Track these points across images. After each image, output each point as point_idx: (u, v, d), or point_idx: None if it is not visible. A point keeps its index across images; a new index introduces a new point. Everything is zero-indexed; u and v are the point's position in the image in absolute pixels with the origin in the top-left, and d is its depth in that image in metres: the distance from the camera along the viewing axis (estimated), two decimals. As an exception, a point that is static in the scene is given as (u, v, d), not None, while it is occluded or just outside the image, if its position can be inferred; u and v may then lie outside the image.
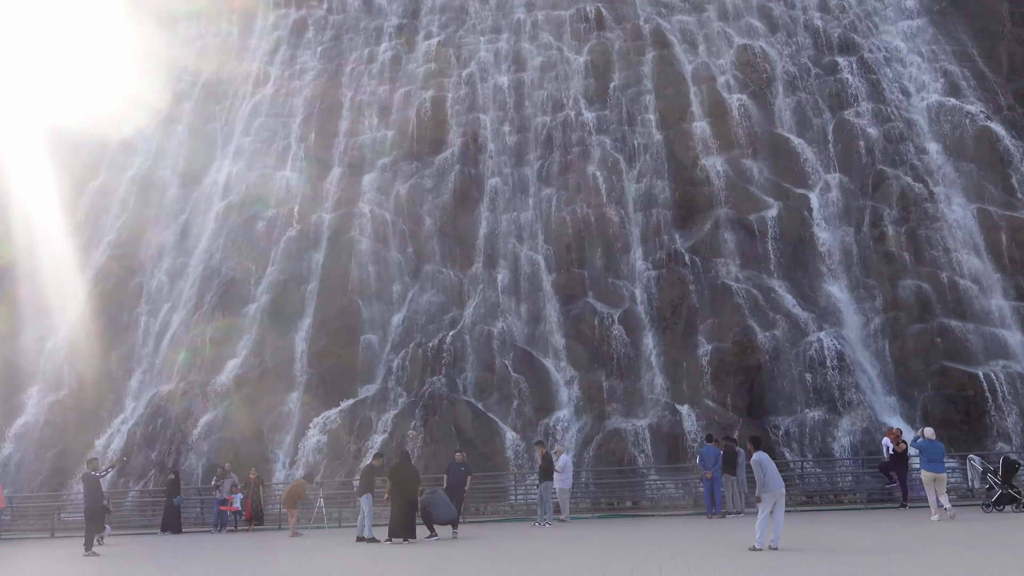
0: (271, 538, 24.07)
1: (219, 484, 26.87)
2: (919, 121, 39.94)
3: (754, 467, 15.71)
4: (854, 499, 28.55)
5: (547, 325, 37.60)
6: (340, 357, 37.67)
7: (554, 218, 40.11)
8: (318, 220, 42.05)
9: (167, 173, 46.54)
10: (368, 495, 19.67)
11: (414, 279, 40.44)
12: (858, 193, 38.31)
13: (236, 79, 49.92)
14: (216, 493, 26.97)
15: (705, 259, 37.40)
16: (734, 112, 41.44)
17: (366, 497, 19.61)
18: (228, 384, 36.99)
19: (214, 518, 26.84)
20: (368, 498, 19.64)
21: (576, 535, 19.43)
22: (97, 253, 44.02)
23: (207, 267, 41.53)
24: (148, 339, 41.12)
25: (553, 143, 42.70)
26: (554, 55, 46.38)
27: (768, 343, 33.95)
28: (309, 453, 34.26)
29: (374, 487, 20.13)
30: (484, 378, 36.03)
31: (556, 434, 34.13)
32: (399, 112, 45.74)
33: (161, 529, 27.32)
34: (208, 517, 31.01)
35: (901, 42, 43.70)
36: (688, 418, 33.26)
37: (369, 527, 19.62)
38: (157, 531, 28.60)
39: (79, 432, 38.58)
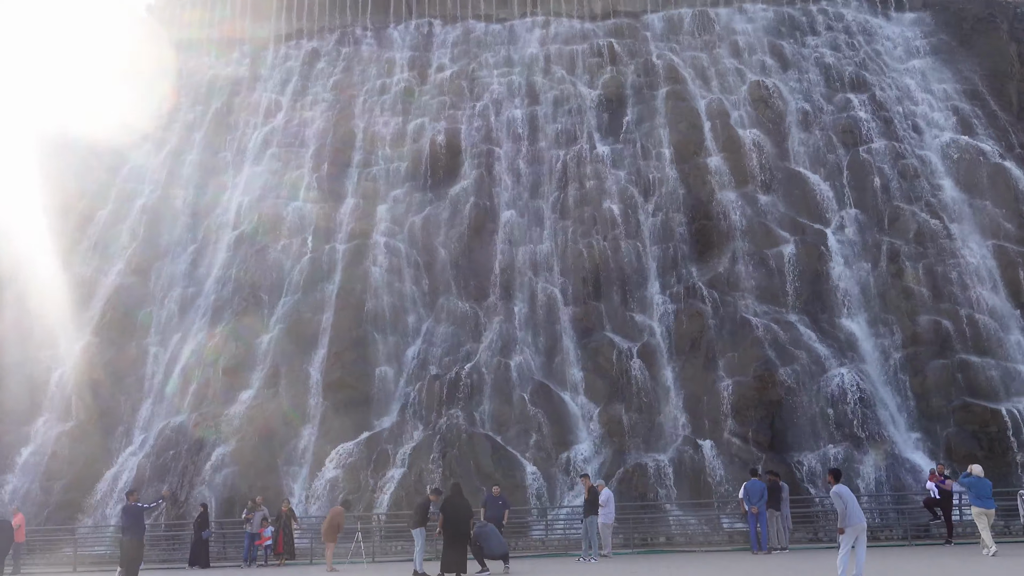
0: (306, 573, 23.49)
1: (249, 517, 26.31)
2: (932, 159, 40.28)
3: (835, 500, 15.47)
4: (891, 535, 28.30)
5: (564, 358, 37.38)
6: (355, 389, 37.25)
7: (570, 251, 40.04)
8: (331, 250, 41.82)
9: (178, 203, 46.24)
10: (421, 528, 19.29)
11: (428, 311, 40.19)
12: (874, 229, 38.49)
13: (247, 109, 49.87)
14: (246, 526, 26.39)
15: (723, 293, 37.38)
16: (748, 147, 41.67)
17: (419, 531, 19.24)
18: (241, 416, 36.49)
19: (244, 552, 26.22)
20: (421, 532, 19.27)
21: (629, 571, 19.04)
22: (107, 282, 43.55)
23: (219, 297, 41.14)
24: (158, 370, 40.58)
25: (568, 176, 42.77)
26: (567, 89, 46.61)
27: (789, 378, 33.85)
28: (325, 487, 33.75)
29: (427, 521, 19.73)
30: (502, 411, 35.70)
31: (576, 468, 33.78)
32: (412, 143, 45.75)
33: (189, 563, 26.69)
34: (231, 551, 30.37)
35: (911, 80, 44.19)
36: (710, 453, 33.05)
37: (420, 561, 19.22)
38: (183, 566, 27.87)
39: (87, 464, 37.87)
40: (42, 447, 38.49)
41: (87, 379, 40.02)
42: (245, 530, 26.47)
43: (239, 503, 33.91)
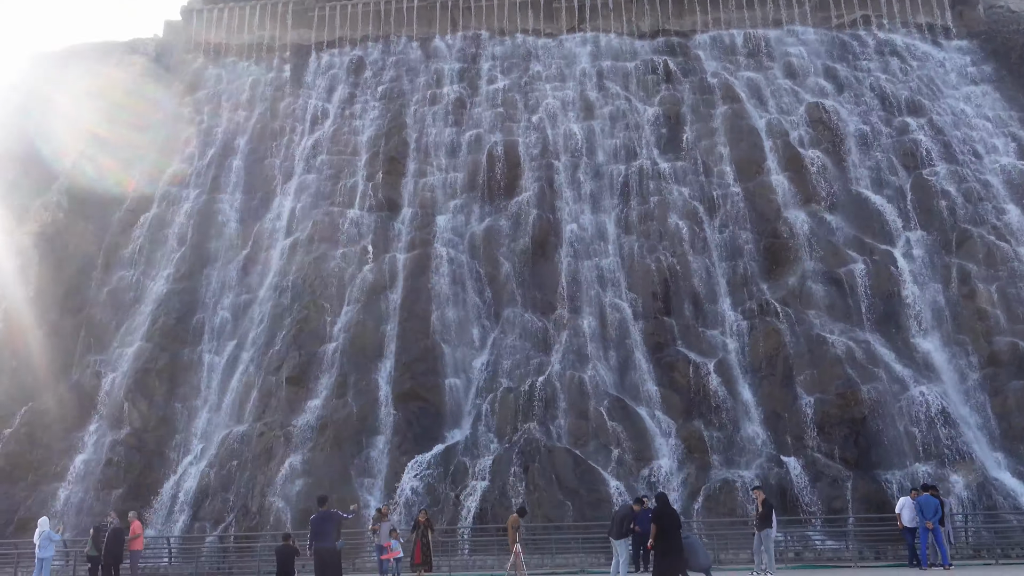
0: None
1: (376, 528, 25.42)
2: (994, 183, 40.79)
3: None
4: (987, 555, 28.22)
5: (638, 373, 37.03)
6: (426, 400, 36.59)
7: (638, 266, 39.83)
8: (392, 260, 41.16)
9: (225, 207, 45.34)
10: (626, 540, 18.73)
11: (493, 323, 39.66)
12: (942, 251, 38.80)
13: (293, 115, 49.14)
14: (374, 538, 25.51)
15: (796, 311, 37.38)
16: (810, 167, 41.89)
17: (624, 542, 18.69)
18: (311, 426, 35.60)
19: (378, 564, 25.28)
20: (625, 543, 18.71)
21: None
22: (155, 287, 42.45)
23: (277, 304, 40.25)
24: (213, 377, 39.57)
25: (630, 191, 42.64)
26: (623, 105, 46.58)
27: (871, 396, 33.82)
28: (404, 499, 32.96)
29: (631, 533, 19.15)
30: (579, 426, 35.22)
31: (659, 483, 33.39)
32: (467, 155, 45.35)
33: None
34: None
35: (966, 106, 44.84)
36: (795, 470, 32.86)
37: (624, 572, 18.68)
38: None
39: (145, 472, 36.77)
40: (96, 454, 37.25)
41: (141, 386, 38.92)
42: (373, 542, 25.58)
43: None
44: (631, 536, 21.07)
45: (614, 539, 18.71)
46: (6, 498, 36.78)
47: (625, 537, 18.65)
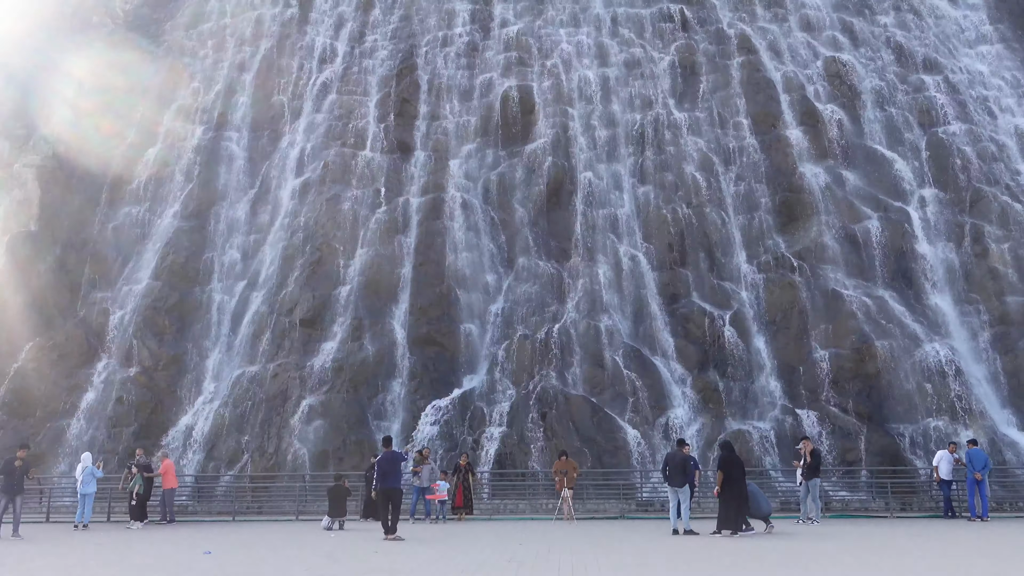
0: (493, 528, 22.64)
1: (418, 471, 25.44)
2: (1008, 143, 40.94)
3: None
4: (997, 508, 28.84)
5: (653, 323, 37.15)
6: (442, 346, 36.56)
7: (653, 216, 39.73)
8: (405, 203, 40.74)
9: (232, 145, 44.52)
10: (688, 486, 18.88)
11: (507, 269, 39.51)
12: (955, 209, 39.02)
13: (300, 52, 48.12)
14: (414, 480, 25.52)
15: (812, 265, 37.56)
16: (827, 122, 41.78)
17: (686, 488, 18.83)
18: (327, 368, 35.46)
19: (411, 506, 25.35)
20: (687, 489, 18.87)
21: (868, 534, 18.95)
22: (162, 224, 41.79)
23: (289, 245, 39.80)
24: (223, 318, 39.21)
25: (646, 141, 42.34)
26: (638, 53, 46.03)
27: (886, 351, 34.22)
28: (423, 442, 33.04)
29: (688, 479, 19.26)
30: (595, 374, 35.37)
31: (674, 432, 33.74)
32: (481, 99, 44.74)
33: (363, 516, 25.74)
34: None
35: (981, 66, 44.80)
36: (809, 422, 33.30)
37: (686, 518, 18.84)
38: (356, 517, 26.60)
39: (156, 411, 36.59)
40: (105, 392, 36.93)
41: (150, 324, 38.51)
42: (413, 484, 25.62)
43: (332, 456, 33.13)
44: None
45: (676, 486, 18.85)
46: (15, 433, 36.42)
47: (686, 484, 18.80)
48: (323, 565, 13.91)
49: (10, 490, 20.33)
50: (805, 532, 19.74)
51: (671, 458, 19.66)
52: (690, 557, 14.66)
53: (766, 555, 14.81)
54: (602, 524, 24.07)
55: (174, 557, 15.62)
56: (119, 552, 17.02)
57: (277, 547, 17.50)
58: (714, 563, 13.68)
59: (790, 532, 19.55)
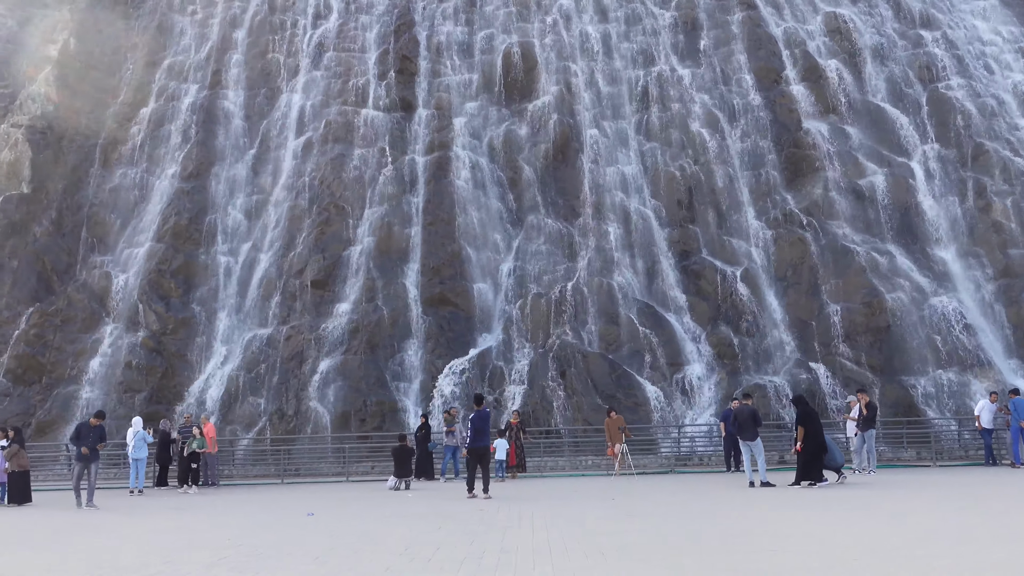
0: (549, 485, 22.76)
1: (451, 430, 25.46)
2: (1007, 99, 41.52)
3: None
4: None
5: (664, 280, 37.40)
6: (455, 305, 36.49)
7: (662, 173, 39.78)
8: (411, 162, 40.32)
9: (228, 104, 43.56)
10: (759, 440, 19.15)
11: (516, 228, 39.40)
12: (957, 164, 39.58)
13: (293, 8, 47.01)
14: (448, 440, 25.53)
15: (820, 221, 37.94)
16: (830, 77, 41.98)
17: (758, 443, 19.09)
18: (342, 329, 35.23)
19: (443, 466, 25.41)
20: (759, 443, 19.14)
21: (928, 482, 19.45)
22: (161, 185, 40.92)
23: (294, 206, 39.25)
24: (230, 280, 38.69)
25: (650, 98, 42.23)
26: (638, 8, 45.72)
27: (896, 304, 34.83)
28: (442, 402, 33.08)
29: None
30: (610, 331, 35.59)
31: (691, 388, 34.20)
32: (482, 55, 44.20)
33: (416, 476, 25.73)
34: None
35: (979, 21, 45.22)
36: (824, 376, 33.88)
37: (763, 471, 19.15)
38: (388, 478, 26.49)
39: (167, 375, 36.13)
40: (113, 357, 36.36)
41: (155, 287, 37.88)
42: (446, 444, 25.65)
43: (355, 417, 33.05)
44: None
45: (748, 439, 19.13)
46: (21, 400, 35.88)
47: (757, 437, 19.10)
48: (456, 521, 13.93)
49: (86, 457, 20.03)
50: (873, 482, 20.23)
51: (740, 412, 19.94)
52: (803, 504, 14.97)
53: (867, 503, 15.16)
54: (658, 479, 24.41)
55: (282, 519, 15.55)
56: (216, 515, 16.94)
57: (369, 508, 17.48)
58: (833, 508, 13.98)
59: (859, 483, 20.01)
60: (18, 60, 44.89)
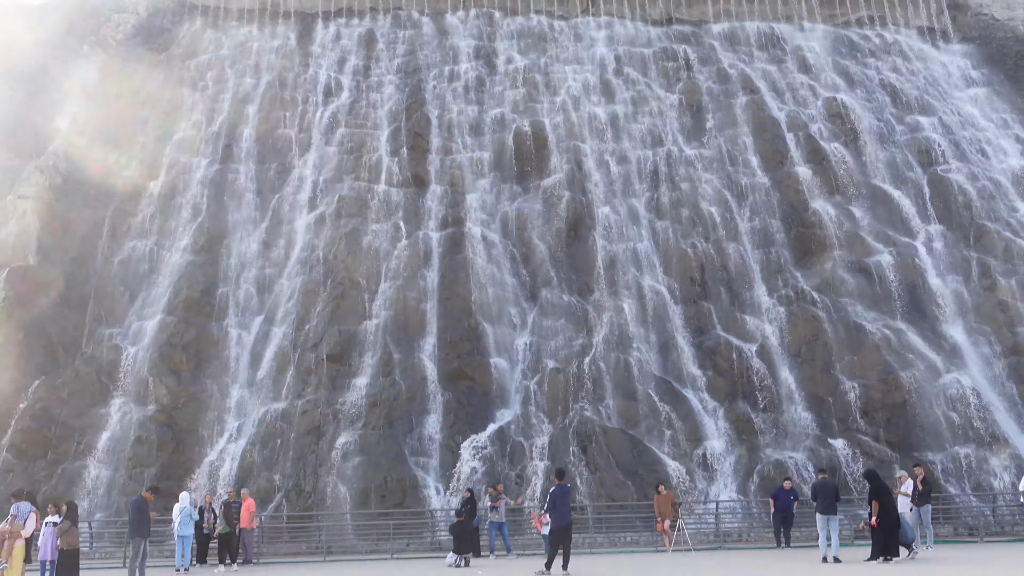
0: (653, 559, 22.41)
1: (496, 506, 25.14)
2: (1003, 182, 42.86)
3: None
4: None
5: (680, 356, 37.54)
6: (473, 380, 36.31)
7: (674, 251, 40.31)
8: (426, 237, 40.54)
9: (240, 177, 43.72)
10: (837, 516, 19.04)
11: (531, 303, 39.54)
12: (961, 244, 40.58)
13: (304, 85, 47.68)
14: (493, 516, 25.16)
15: (831, 298, 38.51)
16: (832, 160, 43.15)
17: (835, 518, 19.00)
18: (360, 404, 34.84)
19: (491, 541, 25.02)
20: (836, 519, 19.03)
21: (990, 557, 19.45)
22: (172, 258, 40.67)
23: (309, 280, 39.14)
24: (242, 353, 38.24)
25: (659, 177, 43.07)
26: (644, 90, 46.97)
27: (911, 381, 35.21)
28: (466, 479, 32.63)
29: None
30: (628, 407, 35.51)
31: (712, 464, 34.09)
32: (493, 134, 44.96)
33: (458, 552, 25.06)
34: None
35: (971, 108, 46.93)
36: (843, 451, 33.97)
37: (836, 547, 19.00)
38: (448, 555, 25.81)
39: (177, 451, 35.33)
40: (122, 432, 35.54)
41: (166, 360, 37.33)
42: (490, 520, 25.28)
43: (375, 493, 32.44)
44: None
45: (829, 513, 19.09)
46: (25, 476, 34.72)
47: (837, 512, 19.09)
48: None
49: (142, 532, 19.44)
50: (936, 557, 20.20)
51: (822, 487, 19.97)
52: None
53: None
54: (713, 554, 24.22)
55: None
56: None
57: None
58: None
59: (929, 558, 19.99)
60: (26, 132, 44.82)
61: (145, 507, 20.03)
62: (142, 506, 20.01)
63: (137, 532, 19.63)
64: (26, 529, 17.26)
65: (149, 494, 20.40)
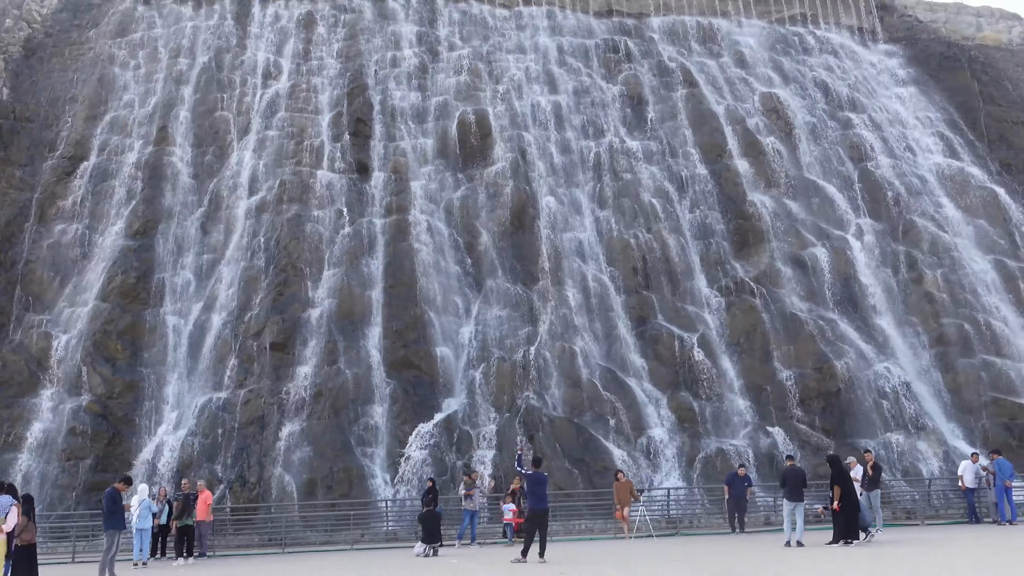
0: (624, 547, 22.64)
1: (470, 494, 25.15)
2: (929, 178, 44.54)
3: None
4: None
5: (623, 345, 38.08)
6: (420, 369, 36.17)
7: (617, 241, 40.78)
8: (369, 224, 40.14)
9: (175, 160, 42.53)
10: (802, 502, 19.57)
11: (475, 292, 39.54)
12: (889, 238, 42.05)
13: (242, 67, 46.56)
14: (467, 504, 25.11)
15: (769, 290, 39.53)
16: (769, 154, 44.19)
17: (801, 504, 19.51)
18: (304, 394, 34.39)
19: (460, 530, 25.06)
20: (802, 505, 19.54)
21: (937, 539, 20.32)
22: (106, 243, 39.40)
23: (250, 267, 38.38)
24: (180, 341, 37.32)
25: (602, 167, 43.46)
26: (586, 81, 47.25)
27: (845, 371, 36.44)
28: (413, 468, 32.56)
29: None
30: (573, 395, 35.89)
31: (656, 452, 34.72)
32: (436, 121, 44.69)
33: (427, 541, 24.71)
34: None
35: (899, 106, 48.57)
36: (781, 439, 34.99)
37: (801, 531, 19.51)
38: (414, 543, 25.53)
39: (113, 442, 34.38)
40: (55, 423, 34.39)
41: (100, 348, 36.22)
42: (464, 508, 25.28)
43: (321, 484, 32.12)
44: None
45: (796, 500, 19.66)
46: (-51, 468, 33.37)
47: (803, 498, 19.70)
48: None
49: (118, 524, 18.93)
50: (888, 540, 20.99)
51: (791, 474, 20.53)
52: (846, 562, 15.44)
53: (913, 559, 15.77)
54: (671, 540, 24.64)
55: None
56: None
57: None
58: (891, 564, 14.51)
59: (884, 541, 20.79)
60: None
61: (119, 498, 19.53)
62: (116, 497, 19.50)
63: (112, 524, 19.14)
64: (7, 523, 16.57)
65: (122, 485, 19.88)
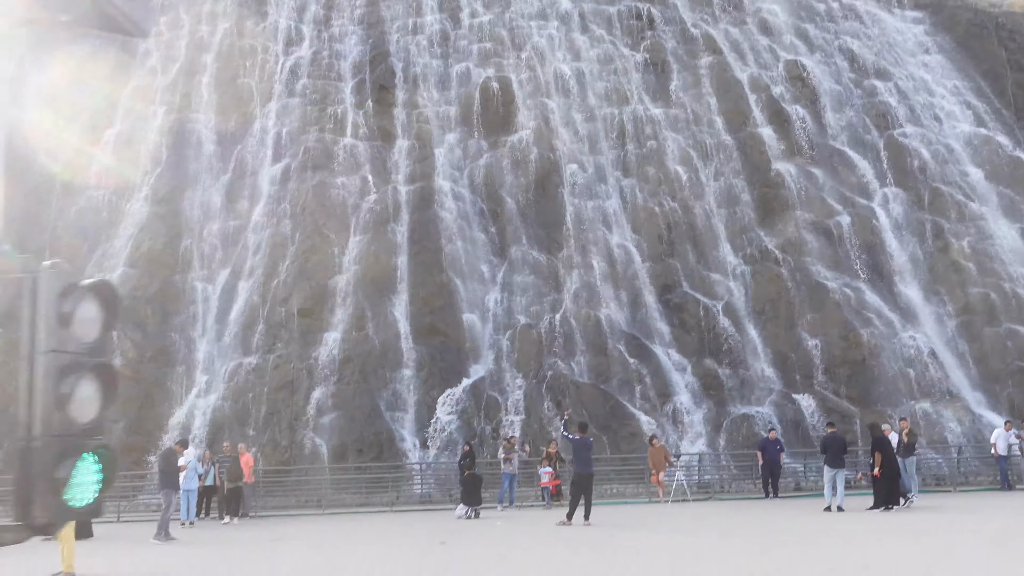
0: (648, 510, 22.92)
1: (510, 458, 25.50)
2: (956, 147, 44.26)
3: None
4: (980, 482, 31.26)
5: (648, 313, 38.20)
6: (446, 335, 36.37)
7: (641, 209, 40.74)
8: (394, 191, 40.16)
9: (199, 127, 42.55)
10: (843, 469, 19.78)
11: (500, 259, 39.62)
12: (915, 206, 41.89)
13: (264, 34, 46.38)
14: (507, 468, 25.44)
15: (794, 258, 39.50)
16: (794, 121, 43.94)
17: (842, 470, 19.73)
18: (334, 359, 34.64)
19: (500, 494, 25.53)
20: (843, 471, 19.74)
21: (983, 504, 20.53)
22: (132, 208, 39.56)
23: (276, 233, 38.52)
24: (209, 307, 37.58)
25: (626, 135, 43.31)
26: (609, 49, 46.94)
27: (870, 339, 36.49)
28: (442, 433, 32.88)
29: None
30: (599, 362, 36.08)
31: (681, 418, 34.94)
32: (459, 88, 44.52)
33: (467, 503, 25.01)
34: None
35: (925, 74, 48.16)
36: (807, 406, 35.15)
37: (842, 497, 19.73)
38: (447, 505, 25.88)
39: (147, 406, 34.70)
40: (87, 387, 34.62)
41: (131, 314, 36.36)
42: (504, 471, 25.62)
43: (352, 448, 32.48)
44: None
45: (838, 467, 19.86)
46: (-15, 432, 33.77)
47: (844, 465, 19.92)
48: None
49: (174, 483, 19.31)
50: (926, 506, 21.16)
51: (831, 440, 20.73)
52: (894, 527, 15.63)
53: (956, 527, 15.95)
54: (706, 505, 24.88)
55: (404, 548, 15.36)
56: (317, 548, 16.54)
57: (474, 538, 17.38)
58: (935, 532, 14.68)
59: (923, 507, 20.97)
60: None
61: (173, 459, 19.90)
62: (170, 458, 19.87)
63: (166, 484, 19.51)
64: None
65: (180, 447, 20.31)
